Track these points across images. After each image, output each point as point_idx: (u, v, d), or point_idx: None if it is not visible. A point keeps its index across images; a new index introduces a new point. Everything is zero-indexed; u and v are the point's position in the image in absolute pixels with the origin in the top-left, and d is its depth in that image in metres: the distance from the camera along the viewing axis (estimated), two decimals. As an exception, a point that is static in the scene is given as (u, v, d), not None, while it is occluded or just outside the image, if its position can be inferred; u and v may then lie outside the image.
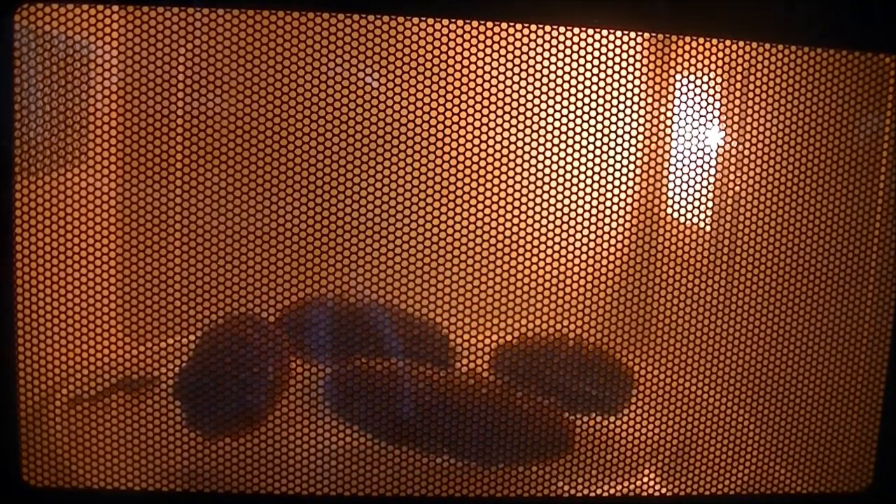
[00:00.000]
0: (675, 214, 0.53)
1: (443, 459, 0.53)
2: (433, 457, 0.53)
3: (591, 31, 0.49)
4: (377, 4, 0.48)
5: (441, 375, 0.53)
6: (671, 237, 0.54)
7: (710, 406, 0.54)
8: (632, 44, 0.49)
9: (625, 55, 0.49)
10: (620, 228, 0.52)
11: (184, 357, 0.53)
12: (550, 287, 0.51)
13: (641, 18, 0.49)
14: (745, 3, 0.50)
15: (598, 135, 0.50)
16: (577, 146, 0.50)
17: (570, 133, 0.50)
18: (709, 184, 0.53)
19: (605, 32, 0.49)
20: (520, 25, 0.48)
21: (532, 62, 0.49)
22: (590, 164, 0.50)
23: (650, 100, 0.53)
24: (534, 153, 0.50)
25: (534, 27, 0.48)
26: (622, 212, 0.51)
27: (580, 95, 0.49)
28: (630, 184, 0.52)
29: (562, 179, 0.50)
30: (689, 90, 0.52)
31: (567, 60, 0.49)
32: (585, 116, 0.50)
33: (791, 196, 0.53)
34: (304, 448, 0.51)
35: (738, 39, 0.51)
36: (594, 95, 0.49)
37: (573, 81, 0.49)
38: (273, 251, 0.50)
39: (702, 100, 0.52)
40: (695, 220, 0.53)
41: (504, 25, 0.48)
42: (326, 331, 0.53)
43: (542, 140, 0.50)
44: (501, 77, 0.50)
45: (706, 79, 0.52)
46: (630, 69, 0.50)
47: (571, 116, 0.50)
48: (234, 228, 0.50)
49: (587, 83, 0.49)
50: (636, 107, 0.51)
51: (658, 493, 0.54)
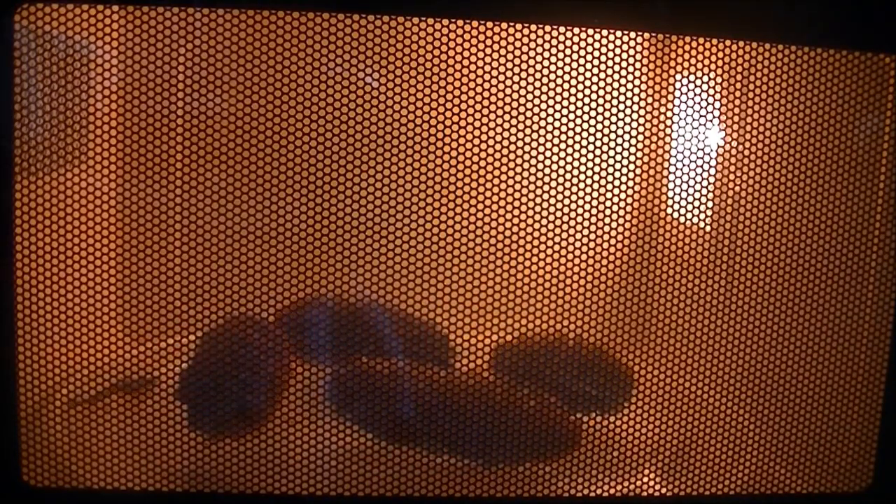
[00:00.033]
0: (675, 214, 0.53)
1: (443, 459, 0.53)
2: (433, 457, 0.53)
3: (591, 31, 0.49)
4: (377, 4, 0.48)
5: (441, 375, 0.53)
6: (671, 237, 0.54)
7: (710, 406, 0.54)
8: (632, 44, 0.49)
9: (625, 55, 0.49)
10: (620, 228, 0.52)
11: (184, 357, 0.53)
12: (550, 287, 0.52)
13: (641, 18, 0.49)
14: (745, 3, 0.50)
15: (598, 135, 0.50)
16: (577, 146, 0.50)
17: (570, 133, 0.50)
18: (709, 184, 0.53)
19: (605, 32, 0.49)
20: (520, 25, 0.48)
21: (532, 62, 0.49)
22: (590, 164, 0.50)
23: (650, 100, 0.53)
24: (534, 153, 0.50)
25: (534, 27, 0.48)
26: (622, 212, 0.51)
27: (580, 95, 0.49)
28: (630, 184, 0.52)
29: (562, 179, 0.50)
30: (689, 90, 0.52)
31: (567, 60, 0.49)
32: (585, 116, 0.50)
33: (791, 196, 0.53)
34: (305, 448, 0.51)
35: (738, 39, 0.51)
36: (594, 95, 0.49)
37: (573, 81, 0.49)
38: (273, 251, 0.50)
39: (702, 100, 0.52)
40: (695, 220, 0.53)
41: (504, 25, 0.48)
42: (326, 331, 0.53)
43: (542, 140, 0.50)
44: (501, 77, 0.49)
45: (706, 79, 0.52)
46: (630, 69, 0.50)
47: (571, 116, 0.50)
48: (234, 228, 0.50)
49: (587, 83, 0.49)
50: (636, 107, 0.51)
51: (658, 493, 0.54)
